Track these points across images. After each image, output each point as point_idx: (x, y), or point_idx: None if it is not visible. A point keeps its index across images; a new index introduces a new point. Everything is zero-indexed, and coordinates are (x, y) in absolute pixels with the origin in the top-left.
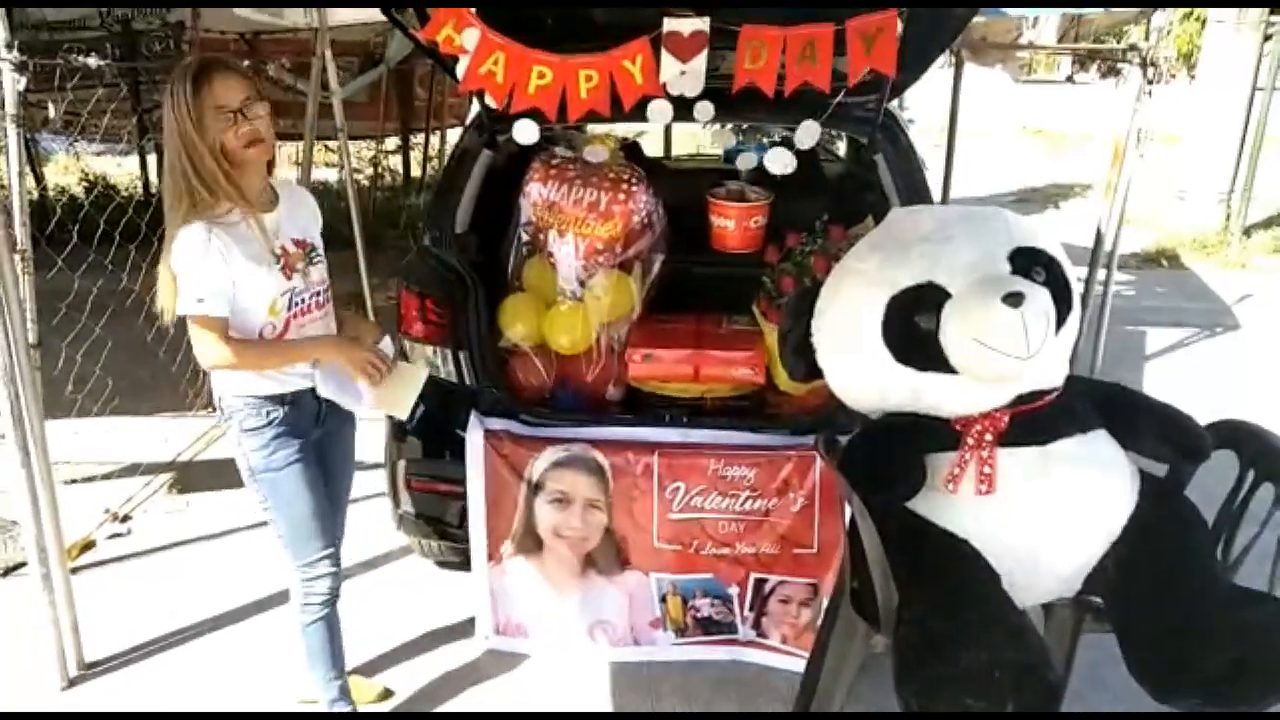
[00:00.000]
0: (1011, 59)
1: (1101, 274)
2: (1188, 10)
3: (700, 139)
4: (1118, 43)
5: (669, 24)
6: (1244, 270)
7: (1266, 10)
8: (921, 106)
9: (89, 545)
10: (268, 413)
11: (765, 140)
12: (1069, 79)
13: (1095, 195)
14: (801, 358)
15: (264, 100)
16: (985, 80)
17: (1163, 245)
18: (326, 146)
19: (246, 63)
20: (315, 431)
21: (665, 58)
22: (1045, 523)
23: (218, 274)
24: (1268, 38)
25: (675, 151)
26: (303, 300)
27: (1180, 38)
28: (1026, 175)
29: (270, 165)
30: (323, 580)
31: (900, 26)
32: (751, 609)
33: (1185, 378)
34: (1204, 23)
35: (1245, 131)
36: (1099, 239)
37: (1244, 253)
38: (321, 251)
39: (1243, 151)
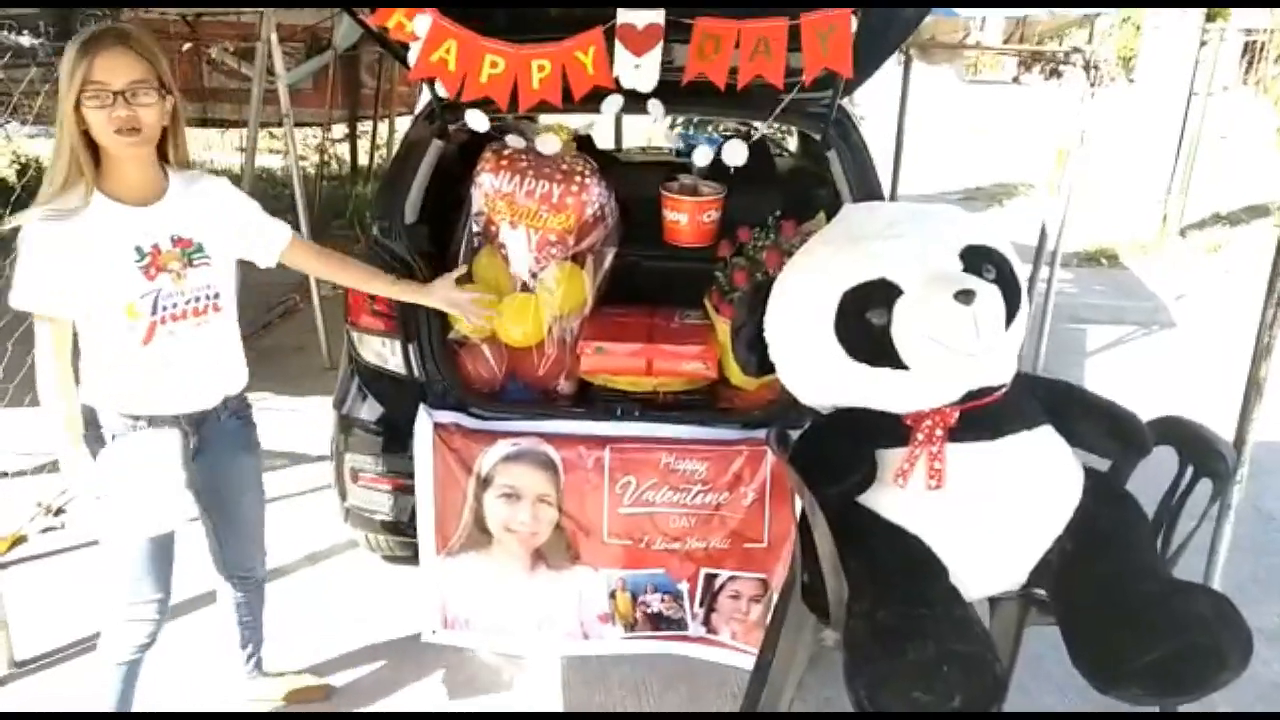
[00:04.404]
0: (959, 59)
1: (1045, 272)
2: (1124, 15)
3: (651, 132)
4: (1059, 45)
5: (623, 16)
6: (1180, 270)
7: (1202, 17)
8: (871, 104)
9: (20, 540)
10: (113, 435)
11: (717, 134)
12: (1015, 80)
13: (1038, 194)
14: (754, 352)
15: (164, 86)
16: (932, 79)
17: (1102, 245)
18: (271, 134)
19: (188, 45)
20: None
21: (619, 50)
22: (992, 517)
23: (51, 270)
24: (1203, 43)
25: (625, 144)
26: (173, 304)
27: (1119, 42)
28: (972, 174)
29: (168, 153)
30: (144, 625)
31: (854, 25)
32: (702, 604)
33: (1124, 374)
34: (1139, 28)
35: (1182, 134)
36: (1043, 237)
37: (1180, 252)
38: (212, 253)
39: (1179, 154)
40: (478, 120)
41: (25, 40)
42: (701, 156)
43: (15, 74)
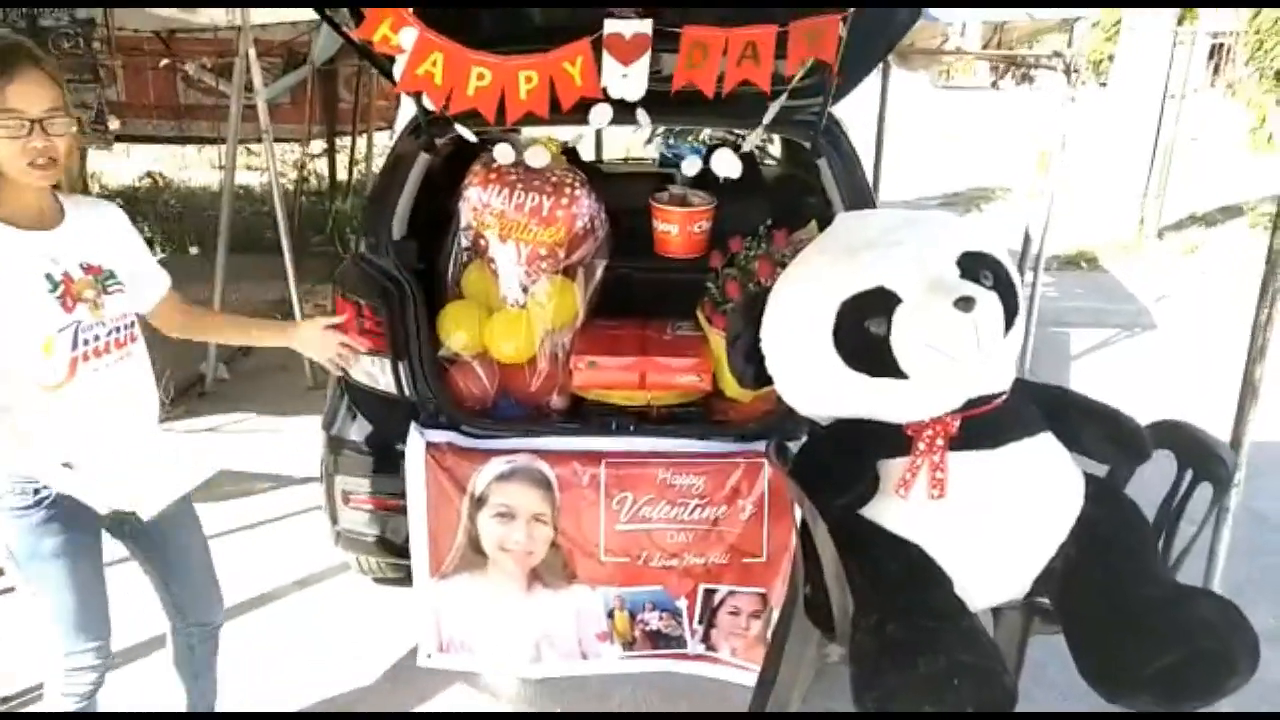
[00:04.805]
0: (937, 63)
1: (1028, 276)
2: (1094, 20)
3: (630, 142)
4: (1029, 49)
5: (610, 26)
6: (1158, 272)
7: (1175, 20)
8: (846, 111)
9: None
10: (36, 490)
11: (698, 143)
12: (994, 84)
13: (1015, 199)
14: (751, 364)
15: (72, 115)
16: (905, 85)
17: (1081, 247)
18: (249, 150)
19: (165, 61)
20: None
21: (607, 60)
22: (995, 526)
23: None
24: (1180, 43)
25: (605, 155)
26: (95, 338)
27: (1088, 46)
28: (948, 179)
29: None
30: (86, 673)
31: (844, 30)
32: (701, 622)
33: (1109, 377)
34: (1107, 33)
35: (1158, 136)
36: (1027, 241)
37: (1159, 254)
38: (126, 279)
39: (1155, 156)
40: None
41: None
42: (691, 166)
43: None
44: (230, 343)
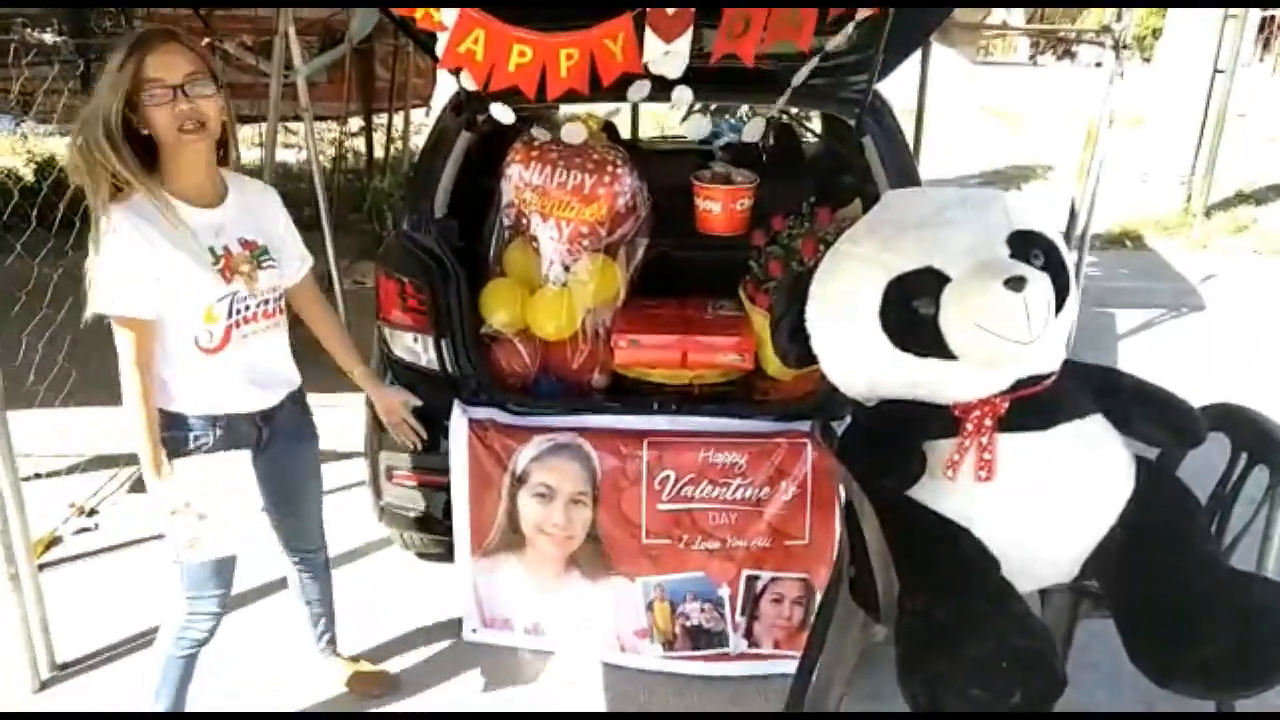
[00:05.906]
0: (979, 38)
1: (1073, 254)
2: None
3: (664, 119)
4: (1071, 24)
5: None
6: (1206, 251)
7: None
8: (885, 88)
9: (55, 541)
10: (194, 437)
11: (734, 119)
12: (1032, 59)
13: (1056, 177)
14: (795, 344)
15: (215, 80)
16: (943, 60)
17: (1126, 226)
18: (286, 128)
19: (206, 40)
20: (255, 458)
21: (649, 36)
22: (1045, 509)
23: (139, 269)
24: (1231, 17)
25: (639, 132)
26: (247, 307)
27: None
28: (988, 157)
29: (226, 155)
30: (207, 619)
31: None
32: (743, 613)
33: (1155, 359)
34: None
35: (1206, 113)
36: (1072, 219)
37: (1206, 234)
38: (277, 256)
39: (1203, 133)
40: (503, 113)
41: (49, 37)
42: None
43: (33, 71)
44: (331, 352)
